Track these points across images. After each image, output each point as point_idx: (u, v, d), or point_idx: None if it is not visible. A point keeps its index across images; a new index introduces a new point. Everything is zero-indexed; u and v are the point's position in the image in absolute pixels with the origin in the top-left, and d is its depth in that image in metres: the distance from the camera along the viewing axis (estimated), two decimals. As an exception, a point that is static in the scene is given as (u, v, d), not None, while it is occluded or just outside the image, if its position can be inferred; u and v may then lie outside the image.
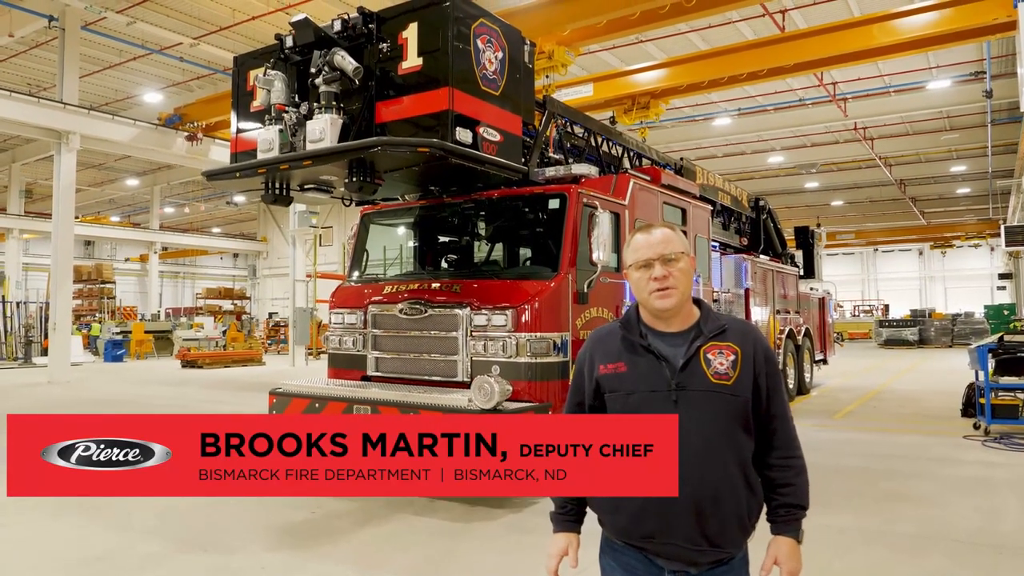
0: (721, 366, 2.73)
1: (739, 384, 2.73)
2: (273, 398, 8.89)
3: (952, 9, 18.00)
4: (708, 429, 2.68)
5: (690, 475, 2.61)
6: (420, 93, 7.33)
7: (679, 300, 2.79)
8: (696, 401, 2.70)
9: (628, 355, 2.83)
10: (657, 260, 2.78)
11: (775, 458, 2.81)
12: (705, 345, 2.76)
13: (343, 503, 7.82)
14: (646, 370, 2.78)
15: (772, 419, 2.81)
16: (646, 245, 2.83)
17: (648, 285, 2.78)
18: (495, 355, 7.91)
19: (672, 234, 2.84)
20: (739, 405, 2.73)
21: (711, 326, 2.81)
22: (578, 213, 8.41)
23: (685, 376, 2.73)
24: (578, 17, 17.34)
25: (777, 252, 17.67)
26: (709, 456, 2.67)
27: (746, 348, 2.78)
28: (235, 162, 8.73)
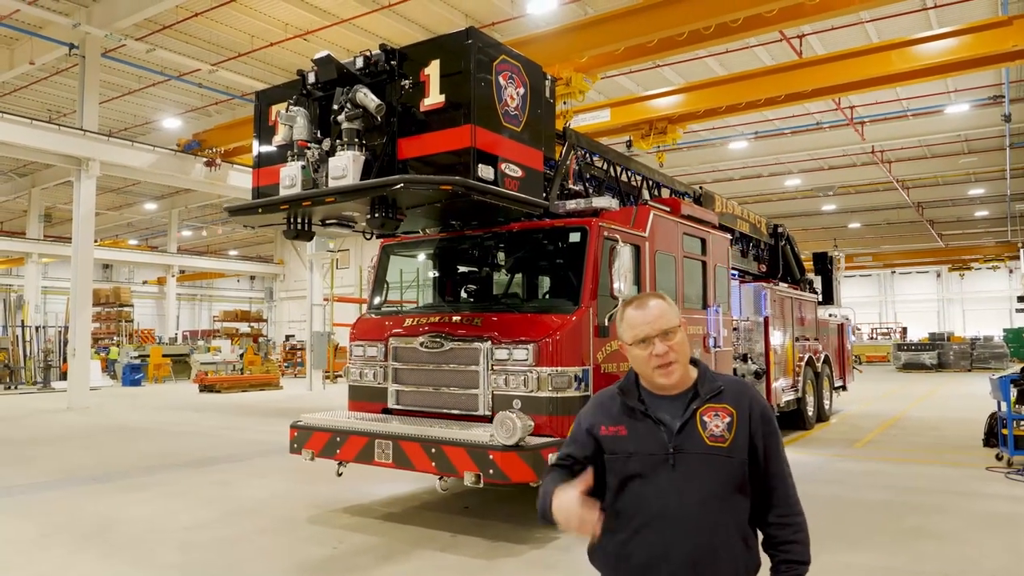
0: (717, 428, 2.77)
1: (735, 446, 2.77)
2: (295, 432, 8.90)
3: (971, 36, 18.03)
4: (705, 491, 2.73)
5: (687, 536, 2.70)
6: (442, 130, 7.34)
7: (681, 372, 2.84)
8: (693, 464, 2.75)
9: (628, 419, 2.88)
10: (656, 336, 2.81)
11: (774, 516, 2.85)
12: (701, 407, 2.81)
13: (366, 538, 7.80)
14: (645, 434, 2.82)
15: (770, 478, 2.84)
16: (643, 321, 2.85)
17: (650, 361, 2.82)
18: (516, 389, 7.88)
19: (665, 306, 2.87)
20: (735, 466, 2.77)
21: (707, 388, 2.85)
22: (599, 246, 8.39)
23: (682, 439, 2.78)
24: (596, 44, 17.41)
25: (796, 278, 17.60)
26: (706, 517, 2.72)
27: (741, 409, 2.82)
28: (257, 196, 8.78)
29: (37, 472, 11.80)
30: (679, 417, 2.80)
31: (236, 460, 12.97)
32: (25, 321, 33.46)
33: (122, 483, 10.91)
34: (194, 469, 12.06)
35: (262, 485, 10.68)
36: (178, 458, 13.12)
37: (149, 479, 11.22)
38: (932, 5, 21.22)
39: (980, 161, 36.27)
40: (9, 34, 23.80)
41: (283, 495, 9.95)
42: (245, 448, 14.28)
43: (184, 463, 12.62)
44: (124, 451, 14.04)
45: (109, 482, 10.98)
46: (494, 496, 9.27)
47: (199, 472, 11.80)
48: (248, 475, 11.53)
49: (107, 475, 11.51)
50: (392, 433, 7.91)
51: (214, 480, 11.10)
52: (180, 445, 14.71)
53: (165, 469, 12.05)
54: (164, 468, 12.13)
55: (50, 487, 10.63)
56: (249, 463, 12.71)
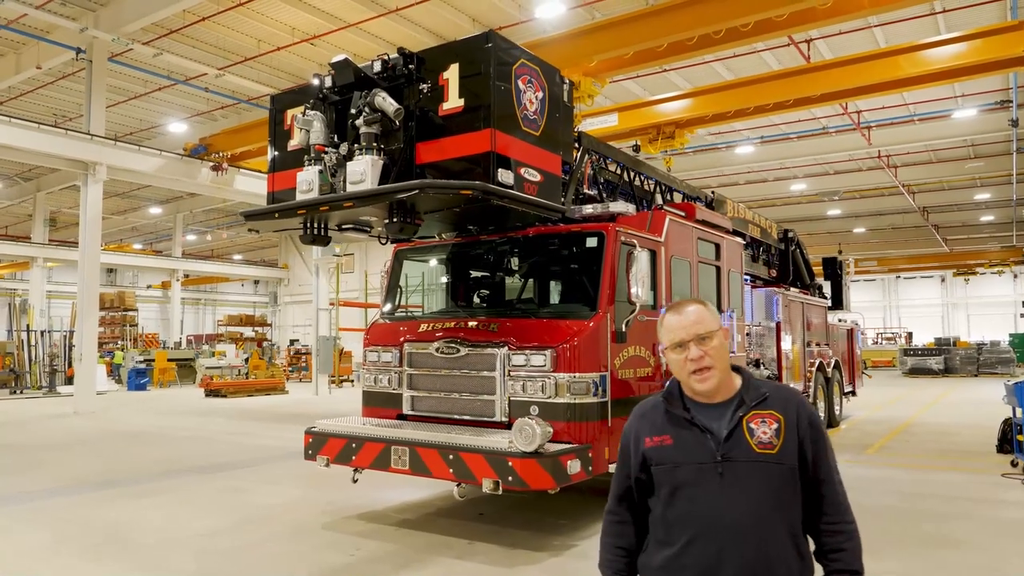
0: (764, 435, 2.75)
1: (784, 452, 2.74)
2: (309, 437, 8.80)
3: (980, 40, 17.96)
4: (756, 499, 2.70)
5: (741, 546, 2.67)
6: (461, 134, 7.30)
7: (718, 379, 2.82)
8: (742, 471, 2.73)
9: (673, 428, 2.85)
10: (692, 341, 2.81)
11: (825, 523, 2.81)
12: (747, 415, 2.79)
13: (382, 545, 7.74)
14: (691, 443, 2.80)
15: (820, 484, 2.80)
16: (679, 326, 2.85)
17: (686, 366, 2.81)
18: (534, 395, 7.83)
19: (704, 311, 2.87)
20: (785, 473, 2.74)
21: (753, 395, 2.83)
22: (616, 251, 8.34)
23: (729, 447, 2.75)
24: (605, 49, 17.37)
25: (805, 283, 17.54)
26: (758, 526, 2.69)
27: (789, 415, 2.79)
28: (272, 201, 8.73)
29: (47, 478, 11.75)
30: (725, 425, 2.78)
31: (246, 466, 12.91)
32: (30, 325, 33.44)
33: (133, 489, 10.86)
34: (204, 475, 12.00)
35: (274, 491, 10.62)
36: (188, 463, 13.07)
37: (160, 485, 11.16)
38: (941, 10, 21.15)
39: (987, 166, 36.18)
40: (16, 38, 23.80)
41: (296, 501, 9.89)
42: (254, 453, 14.22)
43: (194, 468, 12.56)
44: (133, 456, 13.99)
45: (119, 488, 10.92)
46: (509, 502, 9.21)
47: (210, 478, 11.74)
48: (259, 481, 11.47)
49: (117, 481, 11.45)
50: (409, 439, 7.85)
51: (225, 486, 11.04)
52: (189, 450, 14.66)
53: (175, 475, 12.00)
54: (174, 474, 12.08)
55: (61, 493, 10.57)
56: (259, 469, 12.65)
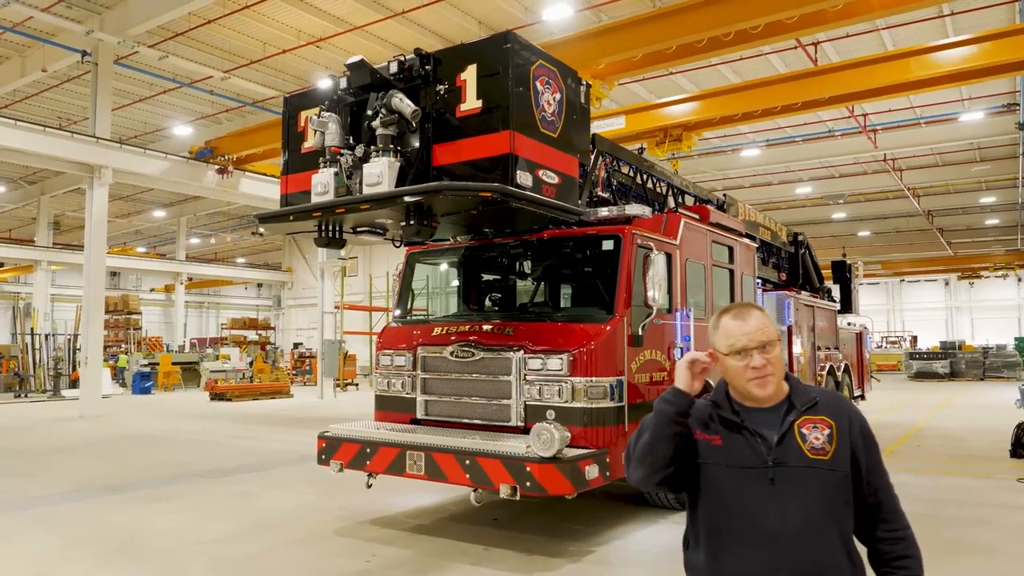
0: (817, 440, 2.71)
1: (837, 458, 2.70)
2: (322, 442, 8.71)
3: (989, 43, 17.89)
4: (809, 505, 2.66)
5: (792, 553, 2.63)
6: (479, 136, 7.20)
7: (776, 386, 2.79)
8: (795, 477, 2.69)
9: (723, 429, 2.82)
10: (755, 349, 2.76)
11: (884, 531, 2.77)
12: (799, 420, 2.75)
13: (397, 551, 7.66)
14: (741, 446, 2.77)
15: (875, 491, 2.76)
16: (741, 332, 2.80)
17: (746, 373, 2.77)
18: (550, 399, 7.75)
19: (766, 319, 2.83)
20: (838, 479, 2.69)
21: (802, 399, 2.79)
22: (632, 254, 8.26)
23: (781, 452, 2.71)
24: (614, 51, 17.34)
25: (815, 287, 17.43)
26: (811, 533, 2.65)
27: (841, 421, 2.75)
28: (285, 203, 8.64)
29: (55, 482, 11.66)
30: (776, 429, 2.74)
31: (255, 470, 12.83)
32: (34, 329, 33.42)
33: (142, 493, 10.78)
34: (213, 479, 11.92)
35: (285, 496, 10.53)
36: (196, 467, 12.99)
37: (169, 489, 11.08)
38: (949, 12, 21.08)
39: (992, 169, 36.14)
40: (22, 41, 23.82)
41: (308, 507, 9.80)
42: (262, 457, 14.14)
43: (202, 473, 12.49)
44: (140, 460, 13.92)
45: (128, 492, 10.84)
46: (522, 507, 9.09)
47: (219, 482, 11.66)
48: (269, 485, 11.38)
49: (126, 485, 11.38)
50: (425, 444, 7.77)
51: (235, 491, 10.96)
52: (196, 454, 14.58)
53: (184, 479, 11.92)
54: (183, 478, 12.00)
55: (69, 498, 10.49)
56: (268, 473, 12.57)
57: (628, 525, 8.62)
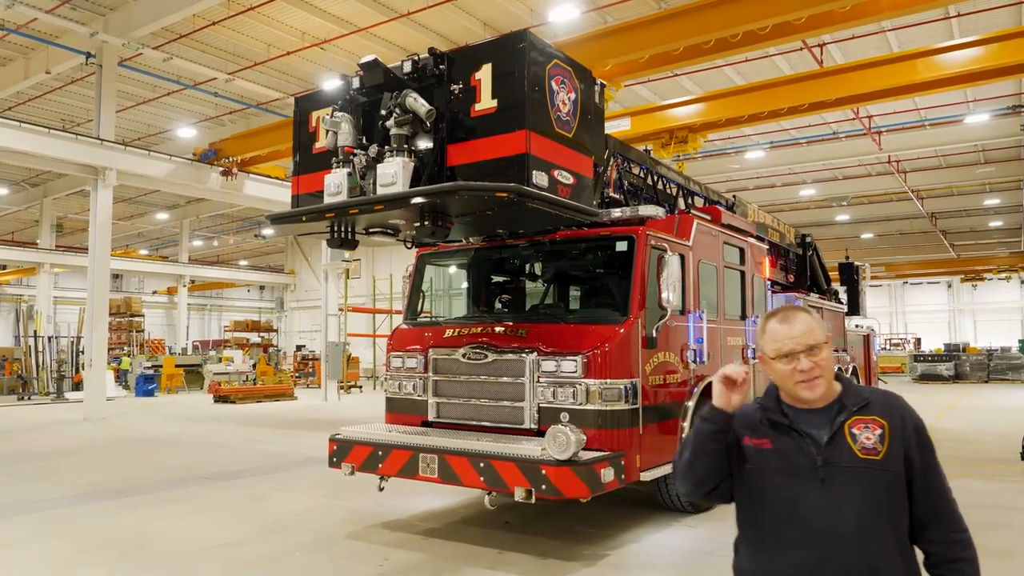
0: (868, 440, 2.68)
1: (889, 458, 2.67)
2: (334, 445, 8.64)
3: (997, 45, 17.82)
4: (860, 506, 2.64)
5: (843, 554, 2.62)
6: (494, 136, 7.13)
7: (825, 388, 2.77)
8: (845, 477, 2.67)
9: (772, 432, 2.82)
10: (802, 352, 2.74)
11: (939, 533, 2.73)
12: (849, 420, 2.73)
13: (410, 555, 7.60)
14: (791, 448, 2.76)
15: (930, 493, 2.72)
16: (788, 336, 2.78)
17: (794, 376, 2.76)
18: (564, 402, 7.69)
19: (813, 322, 2.81)
20: (891, 480, 2.66)
21: (854, 400, 2.77)
22: (646, 255, 8.21)
23: (831, 452, 2.70)
24: (622, 52, 17.28)
25: (822, 289, 17.37)
26: (862, 534, 2.62)
27: (893, 421, 2.72)
28: (297, 204, 8.58)
29: (62, 486, 11.60)
30: (826, 430, 2.72)
31: (262, 473, 12.77)
32: (37, 331, 33.37)
33: (150, 497, 10.72)
34: (221, 482, 11.86)
35: (294, 499, 10.47)
36: (203, 470, 12.94)
37: (177, 492, 11.02)
38: (955, 14, 21.03)
39: (997, 171, 36.06)
40: (26, 43, 23.75)
41: (318, 510, 9.73)
42: (269, 460, 14.09)
43: (210, 476, 12.43)
44: (148, 463, 13.86)
45: (137, 495, 10.79)
46: (534, 511, 9.01)
47: (227, 485, 11.60)
48: (278, 488, 11.32)
49: (134, 488, 11.32)
50: (438, 447, 7.70)
51: (244, 494, 10.90)
52: (203, 457, 14.52)
53: (192, 482, 11.86)
54: (191, 481, 11.94)
55: (78, 501, 10.44)
56: (276, 475, 12.51)
57: (641, 528, 8.56)
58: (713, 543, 7.94)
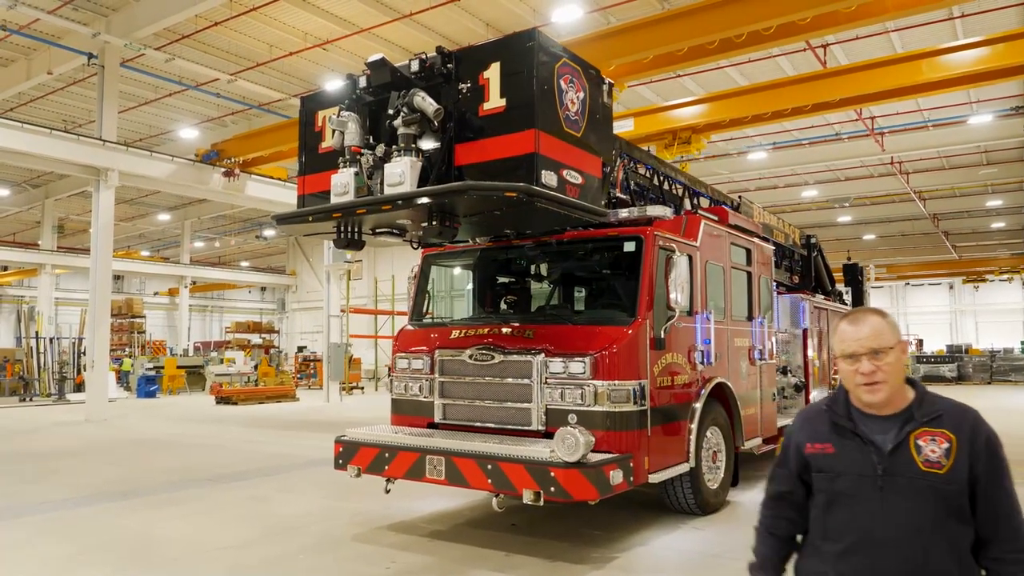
0: (933, 453, 2.66)
1: (953, 472, 2.63)
2: (340, 446, 8.58)
3: (1002, 45, 17.77)
4: (918, 517, 2.64)
5: (897, 562, 2.64)
6: (503, 135, 7.07)
7: (888, 394, 2.75)
8: (904, 489, 2.67)
9: (836, 437, 2.83)
10: (865, 355, 2.74)
11: (998, 551, 2.67)
12: (916, 431, 2.71)
13: (417, 557, 7.53)
14: (853, 454, 2.77)
15: (993, 510, 2.67)
16: (853, 338, 2.78)
17: (855, 378, 2.77)
18: (572, 403, 7.63)
19: (883, 325, 2.79)
20: (952, 495, 2.64)
21: (925, 411, 2.74)
22: (655, 256, 8.15)
23: (893, 461, 2.70)
24: (626, 52, 17.25)
25: (827, 290, 17.31)
26: (917, 544, 2.63)
27: (962, 435, 2.68)
28: (303, 204, 8.52)
29: (65, 487, 11.54)
30: (891, 439, 2.73)
31: (266, 474, 12.70)
32: (39, 332, 33.30)
33: (153, 498, 10.66)
34: (225, 484, 11.79)
35: (298, 501, 10.41)
36: (206, 472, 12.88)
37: (180, 494, 10.96)
38: (959, 14, 20.96)
39: (1000, 172, 35.97)
40: (28, 44, 23.69)
41: (322, 511, 9.67)
42: (272, 461, 14.02)
43: (213, 477, 12.36)
44: (150, 464, 13.80)
45: (140, 497, 10.72)
46: (540, 513, 8.96)
47: (230, 487, 11.53)
48: (281, 490, 11.26)
49: (137, 490, 11.26)
50: (445, 449, 7.63)
51: (247, 495, 10.84)
52: (206, 458, 14.46)
53: (195, 484, 11.79)
54: (193, 483, 11.88)
55: (80, 503, 10.37)
56: (279, 477, 12.44)
57: (649, 531, 8.49)
58: (721, 546, 7.89)
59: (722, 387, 9.37)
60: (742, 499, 10.07)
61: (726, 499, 9.63)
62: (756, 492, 10.61)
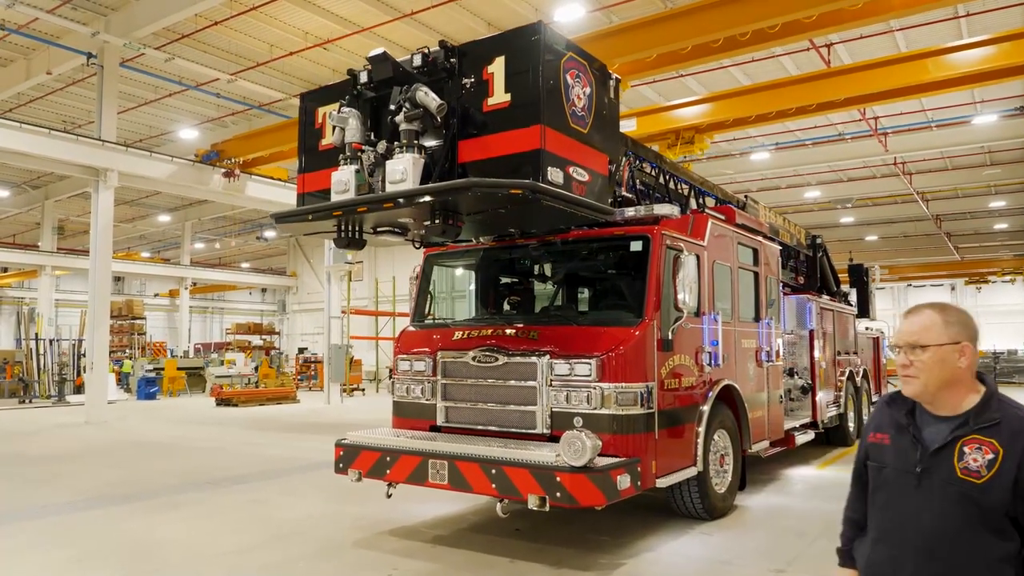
0: (974, 462, 2.61)
1: (992, 483, 2.58)
2: (340, 450, 8.41)
3: (1009, 44, 17.60)
4: (946, 521, 2.63)
5: (918, 560, 2.67)
6: (508, 131, 6.91)
7: (920, 389, 2.77)
8: (936, 490, 2.67)
9: (893, 429, 2.89)
10: (903, 348, 2.79)
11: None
12: (966, 436, 2.66)
13: (419, 564, 7.37)
14: (902, 448, 2.81)
15: None
16: (902, 329, 2.85)
17: (899, 369, 2.82)
18: (578, 406, 7.47)
19: (931, 322, 2.77)
20: (987, 503, 2.59)
21: (983, 418, 2.69)
22: (662, 255, 7.99)
23: (933, 463, 2.69)
24: (630, 51, 17.09)
25: (832, 291, 17.14)
26: (942, 547, 2.64)
27: (1014, 450, 2.60)
28: (303, 203, 8.35)
29: (65, 491, 11.38)
30: (939, 440, 2.72)
31: (266, 477, 12.54)
32: (39, 334, 33.16)
33: (154, 502, 10.51)
34: (225, 487, 11.63)
35: (299, 504, 10.25)
36: (206, 475, 12.71)
37: (180, 498, 10.81)
38: (964, 13, 20.80)
39: (1003, 173, 35.77)
40: (27, 43, 23.56)
41: (323, 516, 9.51)
42: (273, 464, 13.86)
43: (213, 480, 12.20)
44: (149, 467, 13.64)
45: (140, 501, 10.57)
46: (544, 518, 8.78)
47: (231, 490, 11.37)
48: (282, 494, 11.10)
49: (137, 493, 11.10)
50: (448, 452, 7.46)
51: (248, 499, 10.68)
52: (206, 461, 14.31)
53: (195, 487, 11.63)
54: (193, 486, 11.72)
55: (81, 507, 10.22)
56: (280, 480, 12.28)
57: (657, 536, 8.33)
58: (730, 551, 7.74)
59: (729, 389, 9.22)
60: (749, 503, 9.92)
61: (734, 503, 9.48)
62: (764, 496, 10.48)
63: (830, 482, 11.57)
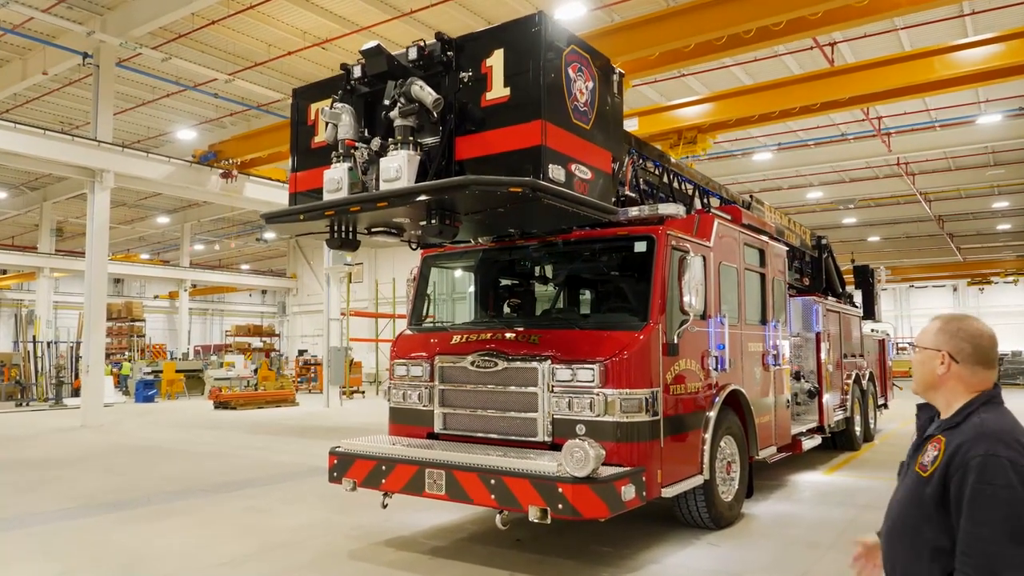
0: (926, 458, 2.75)
1: (931, 480, 2.68)
2: (334, 459, 8.14)
3: (1016, 41, 17.34)
4: (904, 512, 2.80)
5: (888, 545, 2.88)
6: (507, 127, 6.63)
7: (913, 385, 3.04)
8: (904, 483, 2.87)
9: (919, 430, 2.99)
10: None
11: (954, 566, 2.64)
12: (933, 436, 2.80)
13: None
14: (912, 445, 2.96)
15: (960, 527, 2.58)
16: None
17: None
18: (580, 413, 7.20)
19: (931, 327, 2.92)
20: (926, 499, 2.68)
21: (949, 421, 2.80)
22: (667, 256, 7.72)
23: (911, 457, 2.89)
24: (632, 49, 16.82)
25: (837, 292, 16.88)
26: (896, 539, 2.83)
27: (951, 449, 2.66)
28: (295, 203, 8.08)
29: (57, 497, 11.11)
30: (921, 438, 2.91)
31: (263, 483, 12.27)
32: (36, 336, 32.93)
33: (148, 509, 10.24)
34: (222, 494, 11.37)
35: (296, 512, 9.98)
36: (203, 481, 12.45)
37: (175, 505, 10.54)
38: (970, 11, 20.54)
39: (1007, 173, 35.49)
40: (22, 43, 23.32)
41: (320, 525, 9.24)
42: (271, 470, 13.60)
43: (210, 486, 11.94)
44: (145, 473, 13.38)
45: (134, 508, 10.31)
46: (547, 528, 8.51)
47: (227, 497, 11.11)
48: (279, 501, 10.84)
49: (131, 500, 10.83)
50: (446, 462, 7.18)
51: (244, 506, 10.42)
52: (203, 466, 14.04)
53: (191, 493, 11.37)
54: (190, 492, 11.45)
55: (72, 515, 9.95)
56: (277, 487, 12.00)
57: (661, 547, 8.05)
58: (739, 563, 7.48)
59: (736, 394, 8.95)
60: (756, 511, 9.65)
61: (741, 511, 9.22)
62: (771, 503, 10.22)
63: (838, 488, 11.32)
